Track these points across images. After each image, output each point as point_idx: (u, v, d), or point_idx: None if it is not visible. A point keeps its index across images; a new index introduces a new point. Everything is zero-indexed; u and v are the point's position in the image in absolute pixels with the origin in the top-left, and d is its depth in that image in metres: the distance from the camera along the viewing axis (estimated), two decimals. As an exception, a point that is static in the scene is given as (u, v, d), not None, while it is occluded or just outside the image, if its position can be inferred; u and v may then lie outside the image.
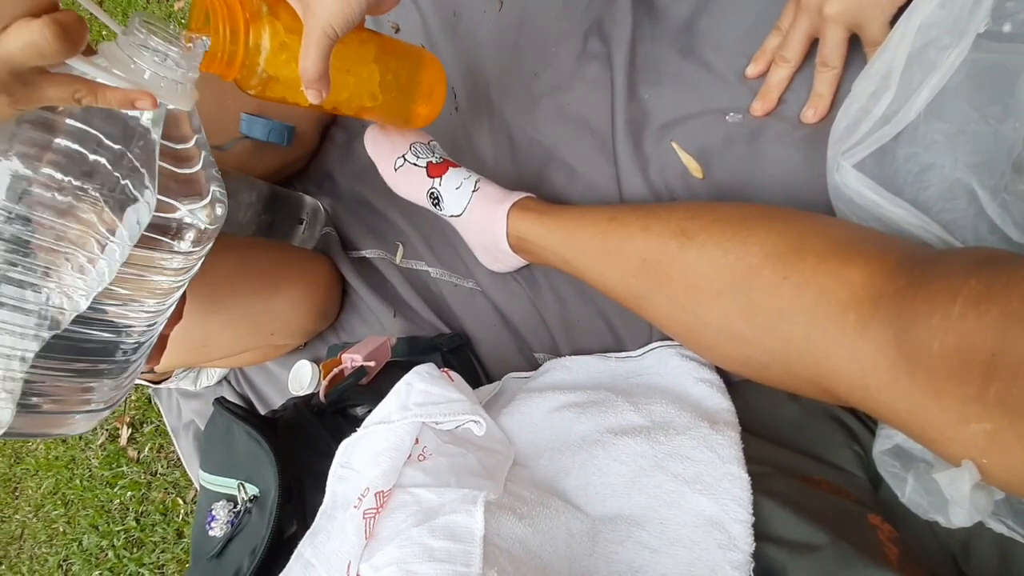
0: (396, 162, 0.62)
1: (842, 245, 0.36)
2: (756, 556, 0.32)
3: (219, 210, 0.39)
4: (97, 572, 1.15)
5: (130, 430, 1.19)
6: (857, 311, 0.33)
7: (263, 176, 0.80)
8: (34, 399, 0.37)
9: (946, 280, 0.30)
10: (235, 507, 0.48)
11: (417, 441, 0.41)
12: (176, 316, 0.46)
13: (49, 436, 0.42)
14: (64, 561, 1.25)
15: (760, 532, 0.33)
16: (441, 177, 0.59)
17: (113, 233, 0.34)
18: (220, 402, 0.49)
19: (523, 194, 0.56)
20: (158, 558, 1.05)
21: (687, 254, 0.42)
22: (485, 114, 0.68)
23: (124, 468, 1.17)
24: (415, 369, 0.42)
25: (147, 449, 1.15)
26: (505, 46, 0.68)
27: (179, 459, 1.04)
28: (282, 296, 0.74)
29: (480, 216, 0.57)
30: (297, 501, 0.44)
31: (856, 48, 0.47)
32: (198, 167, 0.38)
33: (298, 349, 0.86)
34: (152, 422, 1.16)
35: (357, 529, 0.35)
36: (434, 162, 0.60)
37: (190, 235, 0.38)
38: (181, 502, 1.06)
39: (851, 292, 0.34)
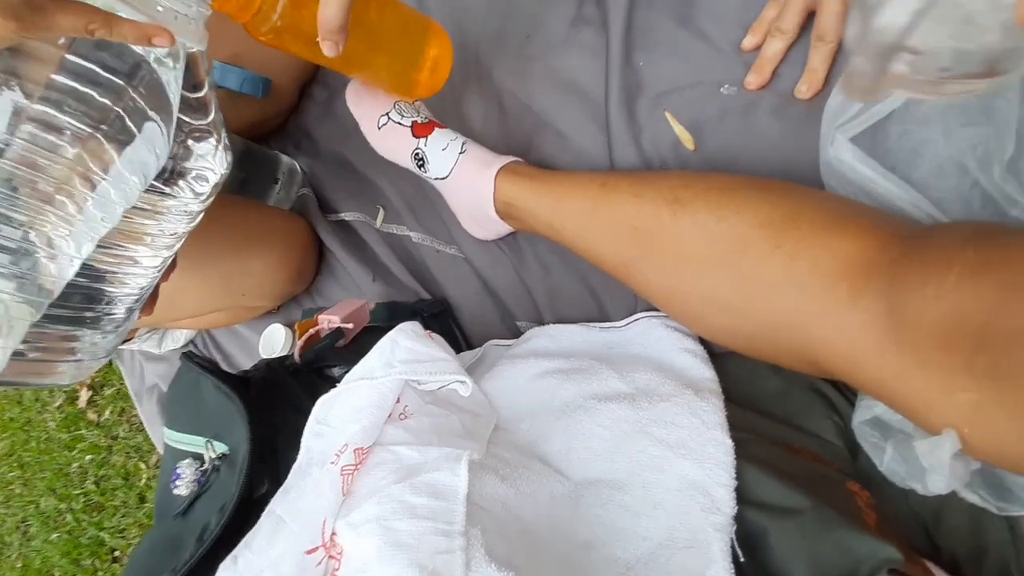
0: (379, 120, 0.59)
1: (836, 216, 0.36)
2: (738, 519, 0.33)
3: (229, 157, 0.37)
4: (56, 534, 1.11)
5: (90, 392, 1.14)
6: (849, 281, 0.33)
7: (237, 131, 0.76)
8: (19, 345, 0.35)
9: (941, 251, 0.30)
10: (202, 465, 0.46)
11: (399, 400, 0.40)
12: (171, 267, 0.44)
13: (35, 386, 0.39)
14: (22, 523, 1.21)
15: (742, 496, 0.33)
16: (427, 137, 0.57)
17: (108, 172, 0.32)
18: (188, 356, 0.47)
19: (512, 158, 0.55)
20: (119, 522, 1.03)
21: (679, 222, 0.42)
22: (474, 77, 0.66)
23: (83, 431, 1.13)
24: (400, 326, 0.41)
25: (108, 412, 1.11)
26: (497, 6, 0.66)
27: (141, 423, 1.01)
28: (256, 255, 0.71)
29: (467, 179, 0.56)
30: (270, 460, 0.43)
31: (854, 24, 0.47)
32: (212, 115, 0.35)
33: (270, 312, 0.83)
34: (113, 385, 1.12)
35: (334, 485, 0.34)
36: (420, 122, 0.58)
37: (202, 183, 0.36)
38: (143, 466, 1.03)
39: (844, 262, 0.34)
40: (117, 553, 1.03)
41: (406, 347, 0.40)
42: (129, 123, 0.31)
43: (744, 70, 0.52)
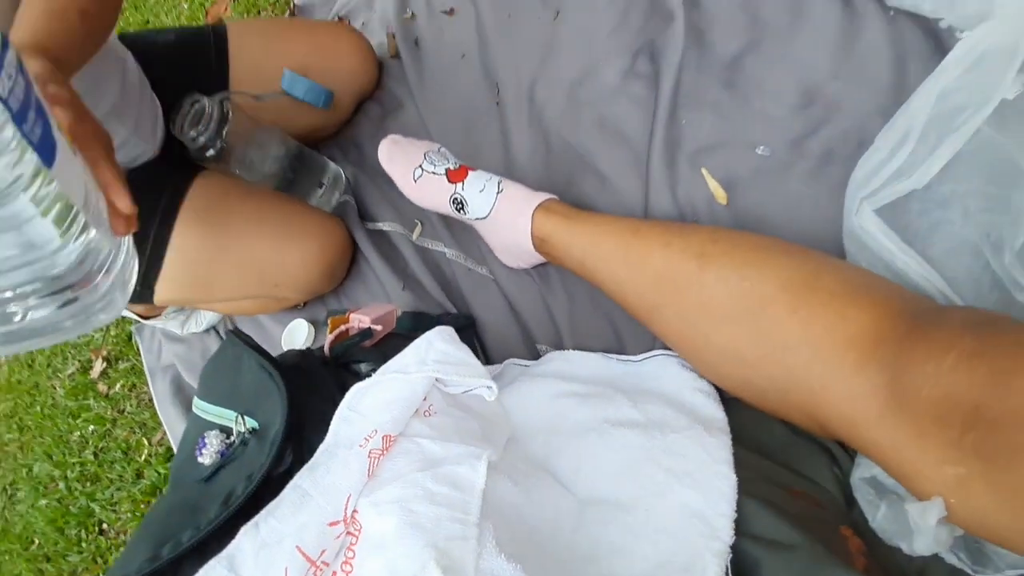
0: (414, 173, 0.63)
1: (853, 287, 0.39)
2: (733, 549, 0.35)
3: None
4: (44, 500, 1.12)
5: (104, 364, 1.17)
6: (858, 350, 0.35)
7: (294, 135, 0.81)
8: None
9: (944, 333, 0.32)
10: (228, 437, 0.49)
11: (425, 398, 0.43)
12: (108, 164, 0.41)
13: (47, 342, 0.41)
14: (10, 486, 1.22)
15: (740, 528, 0.35)
16: (463, 181, 0.60)
17: None
18: (235, 332, 0.50)
19: (548, 195, 0.58)
20: (112, 495, 1.03)
21: (704, 275, 0.44)
22: (525, 113, 0.71)
23: (91, 402, 1.15)
24: (436, 328, 0.44)
25: (119, 386, 1.13)
26: (554, 53, 0.71)
27: (151, 400, 1.03)
28: (294, 248, 0.75)
29: (506, 216, 0.58)
30: (297, 439, 0.45)
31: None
32: None
33: (296, 307, 0.87)
34: (129, 359, 1.14)
35: (361, 466, 0.37)
36: (452, 168, 0.61)
37: None
38: (146, 443, 1.04)
39: (855, 332, 0.36)
40: (105, 526, 1.03)
41: (440, 348, 0.43)
42: None
43: (780, 133, 0.55)
